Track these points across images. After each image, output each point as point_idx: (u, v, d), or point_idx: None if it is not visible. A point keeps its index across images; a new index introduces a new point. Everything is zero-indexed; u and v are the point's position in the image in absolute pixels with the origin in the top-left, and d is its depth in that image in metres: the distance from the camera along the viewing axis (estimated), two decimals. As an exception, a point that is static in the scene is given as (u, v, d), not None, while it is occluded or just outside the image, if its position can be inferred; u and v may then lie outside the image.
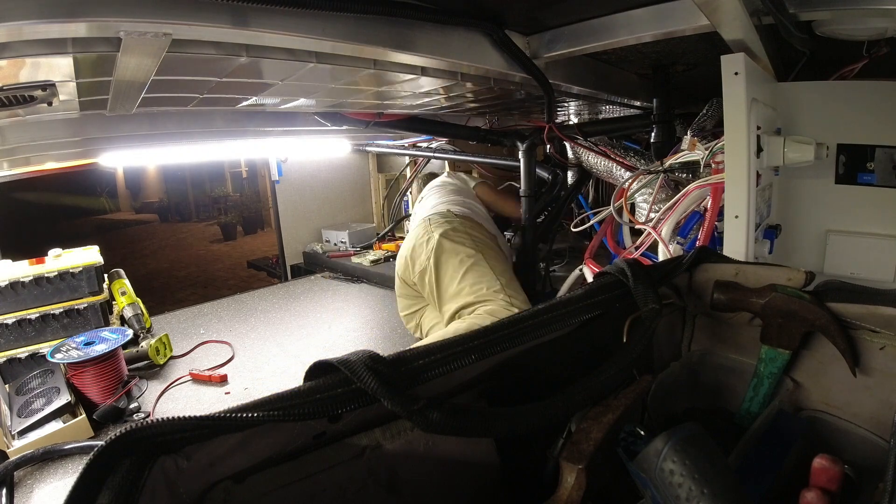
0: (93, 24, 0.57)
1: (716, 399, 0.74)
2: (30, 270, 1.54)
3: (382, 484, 0.50)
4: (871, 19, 0.87)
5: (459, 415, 0.42)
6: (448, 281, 1.52)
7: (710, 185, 1.13)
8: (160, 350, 1.64)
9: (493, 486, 0.57)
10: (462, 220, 1.68)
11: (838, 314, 0.61)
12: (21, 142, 1.23)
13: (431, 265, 1.54)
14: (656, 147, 1.50)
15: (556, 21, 1.02)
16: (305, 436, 0.44)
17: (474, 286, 1.46)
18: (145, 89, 0.87)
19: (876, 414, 0.61)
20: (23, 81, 0.76)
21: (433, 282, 1.54)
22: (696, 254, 0.72)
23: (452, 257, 1.53)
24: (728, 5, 0.72)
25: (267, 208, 6.95)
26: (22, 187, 5.76)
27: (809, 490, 0.50)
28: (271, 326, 1.96)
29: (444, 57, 0.93)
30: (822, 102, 1.17)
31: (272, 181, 2.78)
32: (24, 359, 1.52)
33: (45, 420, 1.20)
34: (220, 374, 1.52)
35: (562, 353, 0.60)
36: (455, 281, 1.49)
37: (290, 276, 2.85)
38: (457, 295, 1.48)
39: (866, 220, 1.16)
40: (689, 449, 0.46)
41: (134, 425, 0.35)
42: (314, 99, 1.31)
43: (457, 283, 1.49)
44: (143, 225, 8.59)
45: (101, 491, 0.33)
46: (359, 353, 0.43)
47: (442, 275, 1.54)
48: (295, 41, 0.76)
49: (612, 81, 1.43)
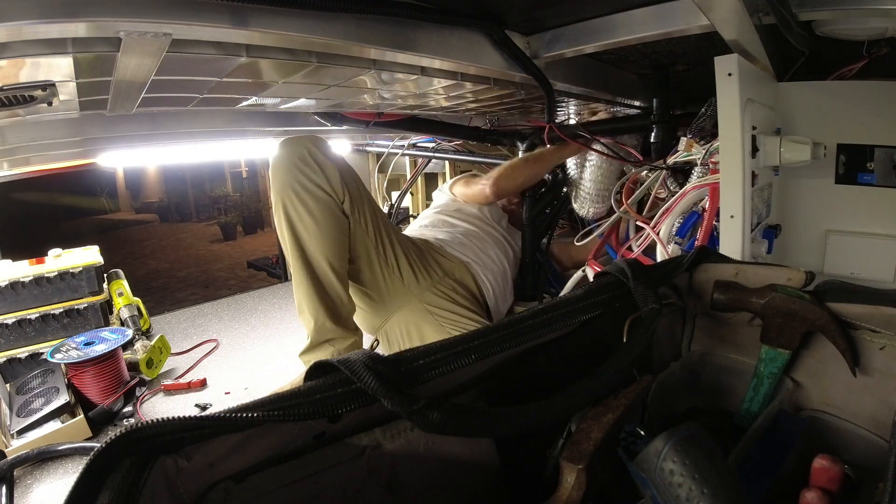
0: (93, 24, 0.57)
1: (716, 399, 0.74)
2: (30, 270, 1.54)
3: (382, 484, 0.50)
4: (871, 19, 0.87)
5: (459, 415, 0.42)
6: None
7: (708, 185, 1.13)
8: (153, 361, 1.55)
9: (493, 486, 0.57)
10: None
11: (838, 314, 0.61)
12: (21, 142, 1.23)
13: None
14: (656, 147, 1.50)
15: (556, 21, 1.02)
16: (305, 436, 0.44)
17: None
18: (145, 89, 0.87)
19: (876, 414, 0.61)
20: (23, 81, 0.76)
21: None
22: (696, 254, 0.72)
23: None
24: (728, 5, 0.72)
25: (267, 208, 6.95)
26: (22, 187, 5.77)
27: (809, 490, 0.50)
28: (271, 326, 1.96)
29: (444, 57, 0.93)
30: (821, 102, 1.17)
31: (272, 181, 2.78)
32: (24, 359, 1.52)
33: (44, 420, 1.21)
34: (200, 380, 1.50)
35: (562, 352, 0.60)
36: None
37: (290, 276, 2.85)
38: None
39: (866, 220, 1.16)
40: (689, 449, 0.46)
41: (134, 425, 0.35)
42: (314, 99, 1.31)
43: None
44: (143, 225, 8.60)
45: (102, 490, 0.33)
46: (359, 352, 0.43)
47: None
48: (295, 41, 0.76)
49: (612, 81, 1.43)
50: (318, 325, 1.22)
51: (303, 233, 1.19)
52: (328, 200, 1.19)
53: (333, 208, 1.20)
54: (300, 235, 1.19)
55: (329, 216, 1.19)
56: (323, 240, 1.19)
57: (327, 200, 1.19)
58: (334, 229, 1.21)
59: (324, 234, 1.19)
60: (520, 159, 1.72)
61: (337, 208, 1.21)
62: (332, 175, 1.19)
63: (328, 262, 1.20)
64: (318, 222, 1.18)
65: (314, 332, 1.23)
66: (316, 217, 1.18)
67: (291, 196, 1.17)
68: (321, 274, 1.21)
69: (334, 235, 1.21)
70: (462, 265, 1.48)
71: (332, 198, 1.20)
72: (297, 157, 1.17)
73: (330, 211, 1.20)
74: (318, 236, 1.19)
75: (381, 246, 1.32)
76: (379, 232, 1.32)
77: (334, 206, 1.21)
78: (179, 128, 1.49)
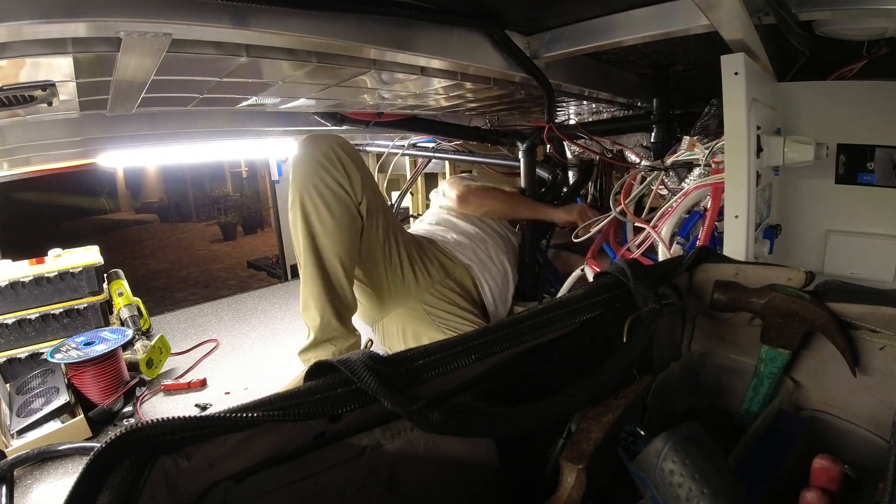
0: (93, 24, 0.57)
1: (716, 399, 0.74)
2: (30, 270, 1.54)
3: (382, 484, 0.50)
4: (871, 19, 0.87)
5: (459, 415, 0.42)
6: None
7: (710, 185, 1.13)
8: (153, 361, 1.55)
9: (493, 486, 0.57)
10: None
11: (838, 314, 0.61)
12: (21, 142, 1.24)
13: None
14: (656, 147, 1.50)
15: (556, 21, 1.02)
16: (305, 436, 0.44)
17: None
18: (145, 89, 0.87)
19: (876, 414, 0.61)
20: (23, 81, 0.76)
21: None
22: (696, 254, 0.72)
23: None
24: (728, 5, 0.72)
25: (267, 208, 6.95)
26: (22, 187, 5.78)
27: (809, 490, 0.50)
28: (271, 326, 1.96)
29: (444, 57, 0.93)
30: (822, 102, 1.17)
31: (272, 181, 2.79)
32: (24, 359, 1.52)
33: (44, 420, 1.21)
34: (200, 380, 1.50)
35: (562, 352, 0.60)
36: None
37: (290, 276, 2.85)
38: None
39: (866, 220, 1.16)
40: (689, 449, 0.46)
41: (134, 425, 0.35)
42: (314, 99, 1.31)
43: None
44: (143, 225, 8.60)
45: (102, 490, 0.33)
46: (359, 352, 0.43)
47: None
48: (295, 41, 0.76)
49: (612, 81, 1.43)
50: (323, 322, 1.22)
51: (318, 230, 1.19)
52: (348, 201, 1.19)
53: (351, 209, 1.21)
54: (315, 232, 1.19)
55: (347, 216, 1.20)
56: (338, 239, 1.19)
57: (347, 201, 1.19)
58: (349, 229, 1.21)
59: (339, 233, 1.19)
60: (500, 191, 1.69)
61: (354, 209, 1.22)
62: (354, 176, 1.19)
63: (340, 261, 1.20)
64: (336, 220, 1.18)
65: (318, 330, 1.23)
66: (334, 215, 1.18)
67: (312, 192, 1.17)
68: (332, 272, 1.21)
69: (349, 235, 1.21)
70: (463, 267, 1.49)
71: (352, 198, 1.20)
72: (322, 155, 1.17)
73: (348, 211, 1.20)
74: (334, 235, 1.19)
75: (388, 249, 1.33)
76: (388, 236, 1.33)
77: (353, 206, 1.21)
78: (179, 128, 1.49)
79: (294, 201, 1.20)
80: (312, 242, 1.20)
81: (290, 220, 1.24)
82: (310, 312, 1.23)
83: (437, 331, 1.38)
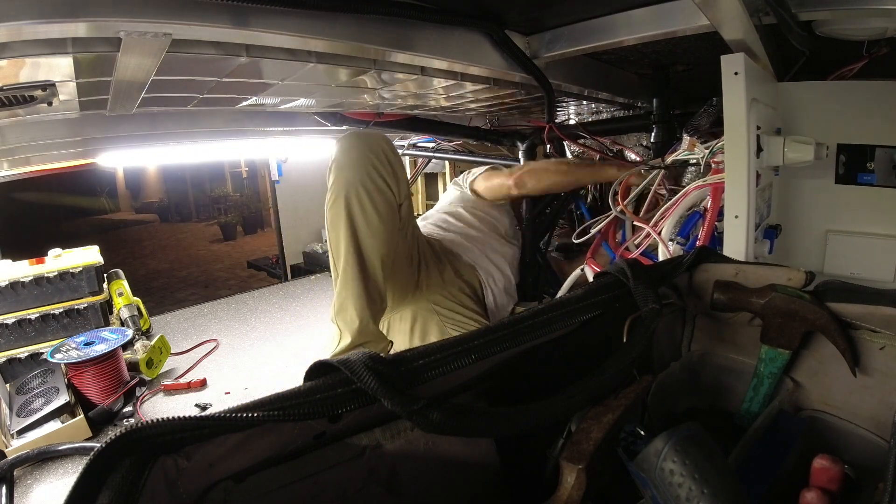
0: (93, 24, 0.57)
1: (716, 399, 0.74)
2: (30, 270, 1.54)
3: (382, 484, 0.50)
4: (871, 19, 0.87)
5: (459, 415, 0.42)
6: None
7: (710, 185, 1.13)
8: (153, 361, 1.55)
9: (493, 486, 0.57)
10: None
11: (838, 314, 0.61)
12: (21, 142, 1.24)
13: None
14: (656, 147, 1.50)
15: (556, 21, 1.02)
16: (305, 436, 0.44)
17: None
18: (145, 89, 0.87)
19: (876, 414, 0.61)
20: (23, 81, 0.76)
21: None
22: (696, 254, 0.72)
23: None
24: (728, 5, 0.72)
25: (267, 208, 6.95)
26: (22, 187, 5.77)
27: (809, 490, 0.50)
28: (271, 326, 1.96)
29: (443, 57, 0.93)
30: (821, 102, 1.17)
31: (272, 181, 2.79)
32: (24, 359, 1.52)
33: (44, 420, 1.20)
34: (200, 380, 1.50)
35: (562, 352, 0.60)
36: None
37: (290, 276, 2.85)
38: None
39: (866, 220, 1.16)
40: (689, 449, 0.46)
41: (134, 425, 0.35)
42: (314, 99, 1.32)
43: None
44: (143, 225, 8.60)
45: (102, 490, 0.33)
46: (359, 352, 0.43)
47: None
48: (295, 41, 0.76)
49: (611, 81, 1.43)
50: (362, 325, 1.18)
51: (363, 229, 1.15)
52: (393, 201, 1.18)
53: (395, 209, 1.20)
54: (359, 232, 1.16)
55: (392, 216, 1.18)
56: (383, 239, 1.17)
57: (392, 201, 1.18)
58: (392, 230, 1.19)
59: (384, 233, 1.17)
60: (552, 162, 1.64)
61: (396, 210, 1.21)
62: (401, 177, 1.19)
63: (382, 262, 1.18)
64: (382, 221, 1.16)
65: (357, 333, 1.19)
66: (381, 215, 1.15)
67: (360, 191, 1.14)
68: (372, 273, 1.18)
69: (391, 237, 1.19)
70: (470, 267, 1.49)
71: (396, 199, 1.19)
72: (372, 153, 1.14)
73: (393, 211, 1.18)
74: (380, 235, 1.16)
75: (411, 250, 1.34)
76: (414, 237, 1.33)
77: (396, 207, 1.20)
78: (179, 128, 1.49)
79: (337, 199, 1.16)
80: (355, 243, 1.16)
81: (330, 218, 1.19)
82: (347, 314, 1.19)
83: (444, 329, 1.38)
